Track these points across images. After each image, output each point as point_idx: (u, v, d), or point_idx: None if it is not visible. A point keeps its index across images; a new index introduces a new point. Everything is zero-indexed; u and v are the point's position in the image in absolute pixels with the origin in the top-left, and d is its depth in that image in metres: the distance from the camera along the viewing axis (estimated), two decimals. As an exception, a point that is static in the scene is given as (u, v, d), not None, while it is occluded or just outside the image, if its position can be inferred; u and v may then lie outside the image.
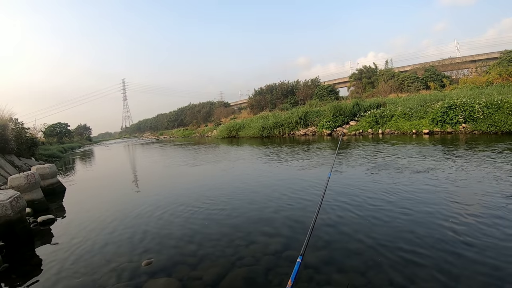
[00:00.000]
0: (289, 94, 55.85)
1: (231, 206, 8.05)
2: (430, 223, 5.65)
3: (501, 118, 18.23)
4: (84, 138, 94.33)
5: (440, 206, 6.51)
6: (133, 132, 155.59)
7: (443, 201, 6.80)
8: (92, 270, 5.02)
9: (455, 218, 5.75)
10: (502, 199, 6.55)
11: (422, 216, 6.03)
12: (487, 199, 6.70)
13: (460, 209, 6.20)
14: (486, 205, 6.30)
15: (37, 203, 9.41)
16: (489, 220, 5.53)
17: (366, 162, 12.52)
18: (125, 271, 4.86)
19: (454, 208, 6.32)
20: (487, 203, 6.44)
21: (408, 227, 5.56)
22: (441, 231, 5.28)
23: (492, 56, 44.86)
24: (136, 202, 9.56)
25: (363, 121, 27.79)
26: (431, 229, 5.38)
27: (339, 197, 7.85)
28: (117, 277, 4.68)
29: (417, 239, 5.06)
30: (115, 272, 4.84)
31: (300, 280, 4.17)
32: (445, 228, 5.38)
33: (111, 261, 5.27)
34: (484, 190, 7.33)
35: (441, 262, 4.27)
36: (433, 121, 21.74)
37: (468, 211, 6.09)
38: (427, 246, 4.77)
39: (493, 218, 5.60)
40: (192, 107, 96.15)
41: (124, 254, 5.52)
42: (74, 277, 4.84)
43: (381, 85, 44.62)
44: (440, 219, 5.80)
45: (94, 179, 16.69)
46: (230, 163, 16.77)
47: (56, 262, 5.45)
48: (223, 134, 44.16)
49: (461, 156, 11.97)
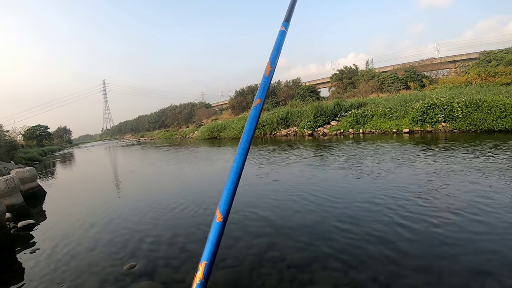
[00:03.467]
0: (270, 95, 55.86)
1: (213, 208, 8.03)
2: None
3: (479, 117, 18.63)
4: (64, 141, 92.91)
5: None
6: (114, 134, 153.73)
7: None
8: (74, 275, 4.98)
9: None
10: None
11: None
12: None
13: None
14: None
15: (17, 208, 9.22)
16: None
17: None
18: (108, 275, 4.85)
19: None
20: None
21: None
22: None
23: (471, 57, 45.77)
24: (117, 206, 9.49)
25: (344, 121, 28.02)
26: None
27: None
28: (100, 282, 4.67)
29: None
30: (98, 277, 4.82)
31: (283, 280, 4.19)
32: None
33: (93, 266, 5.24)
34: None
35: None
36: (413, 121, 22.05)
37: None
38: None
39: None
40: (174, 108, 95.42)
41: (107, 258, 5.49)
42: (57, 282, 4.80)
43: (362, 85, 44.98)
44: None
45: (75, 183, 16.50)
46: (211, 164, 16.73)
47: (38, 268, 5.39)
48: (204, 135, 44.08)
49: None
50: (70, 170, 23.90)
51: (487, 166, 9.32)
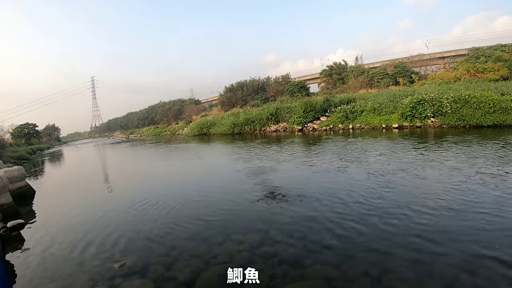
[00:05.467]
0: (260, 91, 55.93)
1: (203, 204, 8.05)
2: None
3: (468, 112, 18.79)
4: (53, 139, 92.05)
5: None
6: (103, 132, 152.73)
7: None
8: (65, 274, 4.98)
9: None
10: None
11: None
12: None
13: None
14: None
15: (6, 208, 9.13)
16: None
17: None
18: (99, 274, 4.85)
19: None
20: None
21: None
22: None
23: (460, 53, 46.21)
24: (106, 204, 9.46)
25: (334, 116, 28.14)
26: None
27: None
28: (91, 281, 4.67)
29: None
30: (88, 276, 4.82)
31: (275, 276, 4.18)
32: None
33: (84, 265, 5.23)
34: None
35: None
36: (402, 116, 22.18)
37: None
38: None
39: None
40: (163, 105, 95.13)
41: (97, 257, 5.48)
42: (47, 282, 4.79)
43: (351, 81, 45.17)
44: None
45: (64, 182, 16.36)
46: (201, 161, 16.69)
47: (28, 268, 5.38)
48: (194, 132, 43.98)
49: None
50: (59, 169, 23.68)
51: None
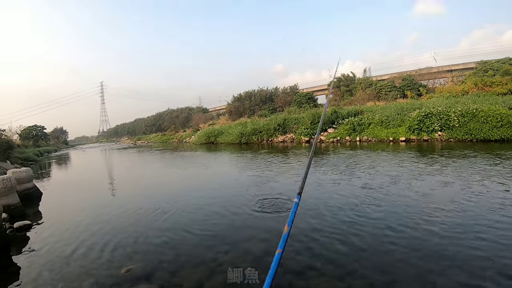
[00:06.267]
0: (267, 101, 55.96)
1: (210, 211, 8.06)
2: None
3: (476, 126, 18.77)
4: (61, 142, 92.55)
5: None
6: (111, 137, 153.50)
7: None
8: (71, 277, 4.95)
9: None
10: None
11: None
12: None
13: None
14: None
15: (13, 208, 9.16)
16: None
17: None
18: (105, 278, 4.83)
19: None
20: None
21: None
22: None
23: (468, 66, 45.98)
24: (114, 208, 9.44)
25: (341, 128, 28.14)
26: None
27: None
28: (97, 285, 4.65)
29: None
30: (94, 279, 4.80)
31: (280, 285, 4.21)
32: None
33: (90, 268, 5.21)
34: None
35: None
36: (409, 129, 22.17)
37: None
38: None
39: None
40: (171, 112, 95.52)
41: (104, 261, 5.46)
42: (52, 285, 4.77)
43: (359, 93, 45.08)
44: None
45: (71, 184, 16.42)
46: (210, 169, 16.74)
47: (33, 270, 5.36)
48: (201, 140, 44.11)
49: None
50: (66, 172, 23.80)
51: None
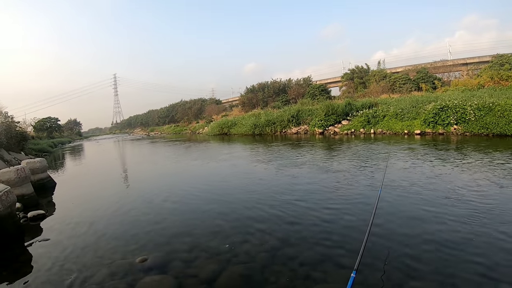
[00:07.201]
0: (281, 93, 55.64)
1: (225, 203, 8.02)
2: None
3: (492, 121, 18.37)
4: (74, 133, 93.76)
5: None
6: (124, 128, 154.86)
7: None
8: (84, 267, 4.93)
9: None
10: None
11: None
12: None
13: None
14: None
15: (27, 198, 9.26)
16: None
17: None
18: (119, 267, 4.79)
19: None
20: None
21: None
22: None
23: (484, 60, 45.18)
24: (128, 198, 9.50)
25: (355, 120, 27.87)
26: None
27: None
28: (111, 274, 4.60)
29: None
30: (108, 269, 4.76)
31: (296, 277, 4.16)
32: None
33: (104, 258, 5.19)
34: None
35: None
36: (425, 122, 21.83)
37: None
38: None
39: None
40: (184, 103, 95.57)
41: (117, 251, 5.44)
42: (66, 274, 4.75)
43: (373, 85, 44.56)
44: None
45: (85, 175, 16.54)
46: (224, 162, 16.68)
47: (47, 259, 5.36)
48: (214, 131, 44.13)
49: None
50: (79, 162, 23.99)
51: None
